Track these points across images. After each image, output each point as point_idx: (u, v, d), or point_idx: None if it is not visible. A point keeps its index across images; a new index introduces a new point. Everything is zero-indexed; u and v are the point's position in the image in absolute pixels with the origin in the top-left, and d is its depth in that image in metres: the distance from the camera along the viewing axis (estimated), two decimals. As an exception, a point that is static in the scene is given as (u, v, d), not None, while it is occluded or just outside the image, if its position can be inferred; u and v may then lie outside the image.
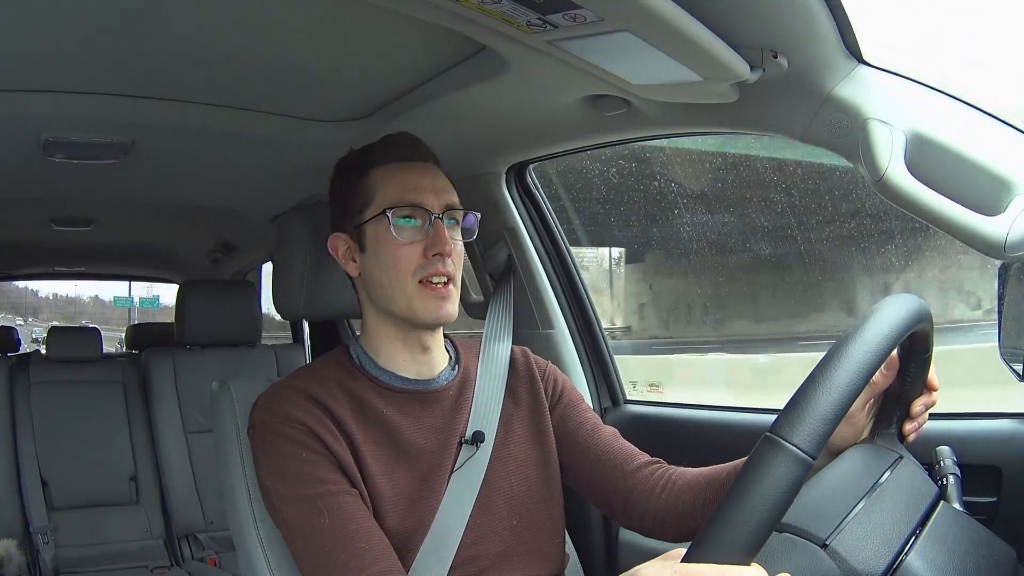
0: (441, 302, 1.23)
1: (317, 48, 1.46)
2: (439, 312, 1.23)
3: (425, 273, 1.22)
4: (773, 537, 0.71)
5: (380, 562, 1.09)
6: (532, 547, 1.28)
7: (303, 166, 2.08)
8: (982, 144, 1.16)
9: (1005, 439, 1.34)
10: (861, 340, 0.78)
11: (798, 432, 0.71)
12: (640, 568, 0.66)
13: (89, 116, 1.76)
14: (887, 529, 0.83)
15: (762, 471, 0.69)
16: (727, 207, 4.67)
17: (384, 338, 1.29)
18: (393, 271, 1.23)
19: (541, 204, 2.11)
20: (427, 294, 1.22)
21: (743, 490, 0.68)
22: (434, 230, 1.23)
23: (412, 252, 1.23)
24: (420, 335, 1.28)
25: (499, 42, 1.24)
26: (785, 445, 0.70)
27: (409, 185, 1.25)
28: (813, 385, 0.74)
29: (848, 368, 0.75)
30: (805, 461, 0.70)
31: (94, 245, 3.90)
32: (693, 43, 1.09)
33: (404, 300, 1.23)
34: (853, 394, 0.75)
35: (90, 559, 3.07)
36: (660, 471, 1.33)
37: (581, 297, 2.14)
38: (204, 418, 3.26)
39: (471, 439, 1.28)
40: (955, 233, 1.14)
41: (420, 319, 1.24)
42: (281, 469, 1.16)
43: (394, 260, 1.23)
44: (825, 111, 1.27)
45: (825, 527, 0.81)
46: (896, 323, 0.83)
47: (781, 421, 0.72)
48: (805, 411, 0.72)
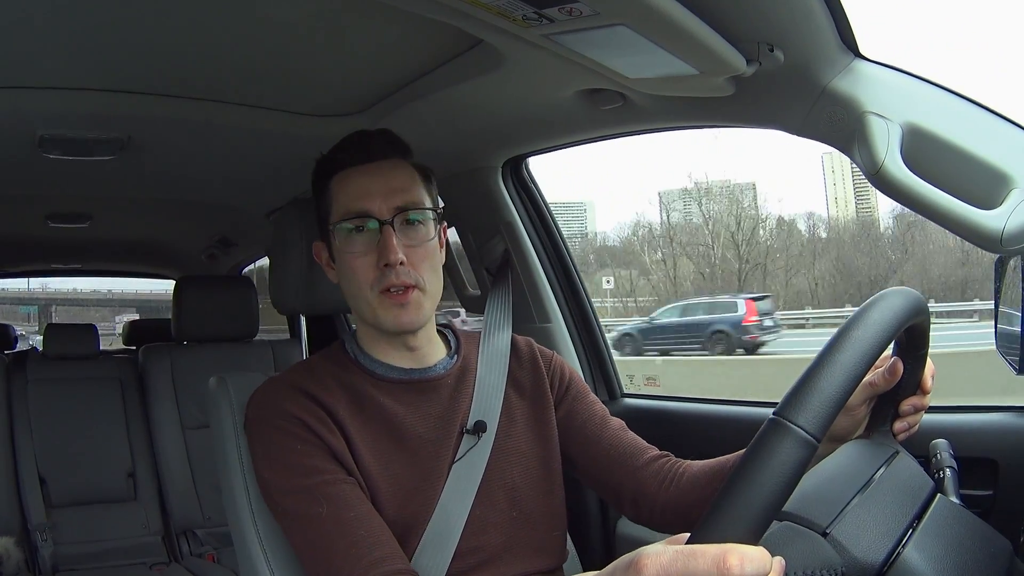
0: (401, 310, 1.21)
1: (313, 43, 1.46)
2: (400, 320, 1.21)
3: (381, 285, 1.20)
4: (773, 525, 0.71)
5: (381, 548, 1.09)
6: (532, 540, 1.28)
7: (299, 161, 2.06)
8: (979, 138, 1.16)
9: (1002, 432, 1.35)
10: (864, 326, 0.79)
11: (803, 414, 0.71)
12: (643, 549, 0.66)
13: (84, 112, 1.75)
14: (885, 521, 0.83)
15: (768, 453, 0.69)
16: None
17: (371, 338, 1.29)
18: (353, 283, 1.22)
19: (537, 198, 2.11)
20: (387, 303, 1.20)
21: (748, 472, 0.68)
22: (383, 239, 1.20)
23: (366, 264, 1.21)
24: (401, 337, 1.27)
25: (495, 36, 1.24)
26: (791, 427, 0.70)
27: (357, 192, 1.22)
28: (818, 369, 0.75)
29: (852, 352, 0.76)
30: (810, 443, 0.70)
31: (90, 241, 3.89)
32: (689, 37, 1.09)
33: (368, 310, 1.22)
34: (857, 378, 0.75)
35: (89, 556, 3.06)
36: (668, 464, 1.32)
37: (578, 291, 2.14)
38: (202, 414, 3.25)
39: (472, 429, 1.27)
40: (951, 226, 1.14)
41: (383, 327, 1.23)
42: (277, 462, 1.16)
43: (351, 272, 1.22)
44: (821, 105, 1.27)
45: (825, 516, 0.81)
46: (897, 311, 0.83)
47: (786, 404, 0.72)
48: (810, 394, 0.72)
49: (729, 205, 22.57)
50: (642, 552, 0.65)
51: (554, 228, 2.12)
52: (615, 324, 17.40)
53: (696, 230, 22.90)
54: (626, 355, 14.76)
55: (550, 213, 2.13)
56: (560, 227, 2.15)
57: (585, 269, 22.43)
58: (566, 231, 2.97)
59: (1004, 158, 1.14)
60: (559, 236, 2.13)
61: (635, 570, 0.64)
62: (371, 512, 1.14)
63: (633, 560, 0.65)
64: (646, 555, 0.65)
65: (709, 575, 0.62)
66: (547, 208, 2.12)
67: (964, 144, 1.16)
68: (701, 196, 22.77)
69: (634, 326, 16.91)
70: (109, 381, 3.40)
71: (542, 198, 2.12)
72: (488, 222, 2.05)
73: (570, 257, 2.14)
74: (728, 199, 22.82)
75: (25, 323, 22.31)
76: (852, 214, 22.53)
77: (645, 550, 0.65)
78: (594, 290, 20.33)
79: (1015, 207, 1.09)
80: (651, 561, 0.64)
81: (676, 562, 0.63)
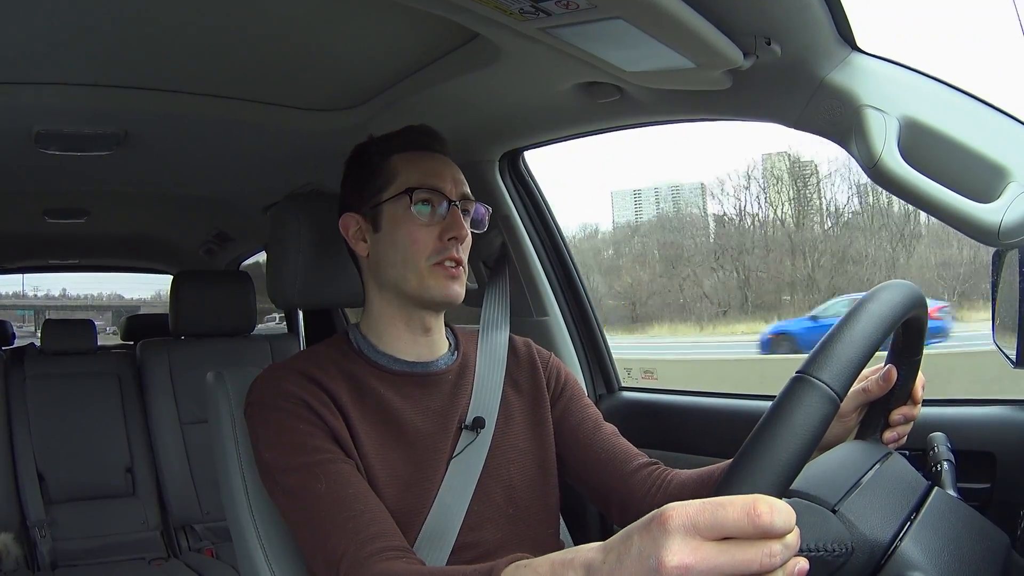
0: (451, 281, 1.26)
1: (309, 36, 1.46)
2: (449, 291, 1.26)
3: (439, 257, 1.25)
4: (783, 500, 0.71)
5: (377, 524, 1.09)
6: (527, 536, 1.29)
7: (296, 155, 2.08)
8: (976, 131, 1.16)
9: (999, 425, 1.35)
10: (879, 302, 0.84)
11: (827, 371, 0.74)
12: (666, 505, 0.64)
13: (81, 108, 1.75)
14: (885, 509, 0.83)
15: (793, 407, 0.71)
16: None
17: (387, 319, 1.30)
18: (408, 252, 1.25)
19: (535, 191, 2.11)
20: (439, 272, 1.25)
21: (774, 425, 0.70)
22: (451, 215, 1.27)
23: (428, 235, 1.25)
24: (424, 316, 1.30)
25: (492, 30, 1.24)
26: (815, 382, 0.73)
27: (430, 171, 1.28)
28: (840, 331, 0.79)
29: (869, 322, 0.81)
30: (834, 399, 0.72)
31: (88, 237, 3.88)
32: (686, 30, 1.09)
33: (416, 279, 1.25)
34: (874, 344, 0.80)
35: (87, 552, 3.06)
36: (657, 472, 1.33)
37: (575, 284, 2.14)
38: (200, 409, 3.24)
39: (471, 425, 1.28)
40: (949, 220, 1.14)
41: (430, 296, 1.26)
42: (278, 441, 1.16)
43: (411, 241, 1.25)
44: (819, 98, 1.27)
45: (833, 495, 0.82)
46: (905, 296, 0.87)
47: (811, 362, 0.76)
48: (833, 353, 0.76)
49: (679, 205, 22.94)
50: (665, 507, 0.64)
51: (551, 222, 2.12)
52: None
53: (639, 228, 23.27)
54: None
55: (547, 206, 2.12)
56: (558, 221, 2.14)
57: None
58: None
59: (1001, 152, 1.14)
60: (556, 230, 2.13)
61: (659, 523, 0.63)
62: (369, 491, 1.14)
63: (655, 515, 0.64)
64: (670, 508, 0.63)
65: (738, 524, 0.61)
66: (544, 202, 2.12)
67: (962, 137, 1.16)
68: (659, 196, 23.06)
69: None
70: (107, 376, 3.40)
71: (539, 191, 2.11)
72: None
73: (567, 251, 2.14)
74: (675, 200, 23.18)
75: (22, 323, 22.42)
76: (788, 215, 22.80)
77: (667, 505, 0.64)
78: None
79: (1012, 200, 1.09)
80: (677, 513, 0.62)
81: (703, 512, 0.62)
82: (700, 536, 0.62)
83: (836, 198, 15.92)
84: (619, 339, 14.74)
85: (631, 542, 0.65)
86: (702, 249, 17.20)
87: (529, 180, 2.10)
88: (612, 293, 16.78)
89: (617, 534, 0.69)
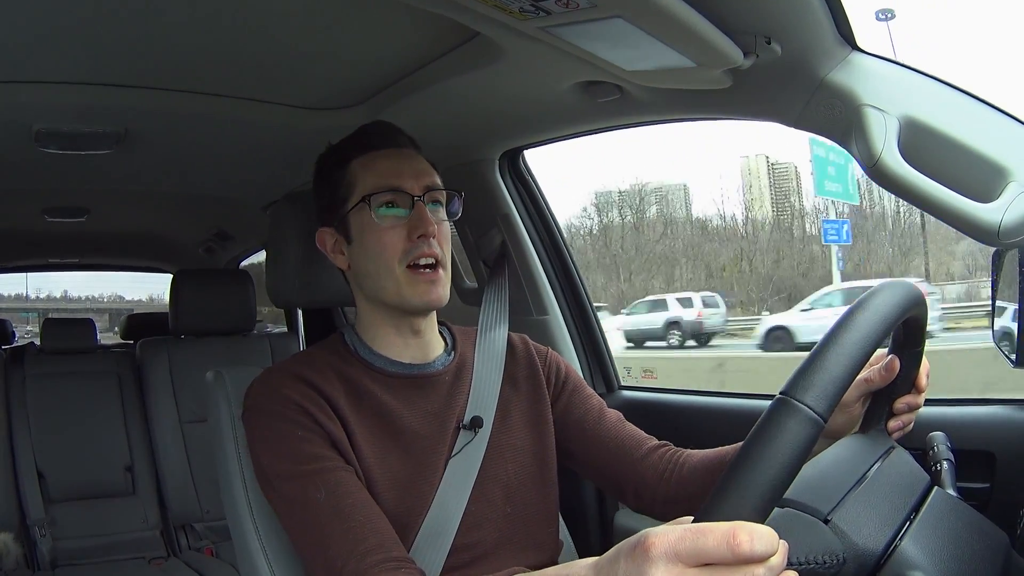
0: (430, 286, 1.23)
1: (309, 35, 1.46)
2: (429, 296, 1.23)
3: (412, 257, 1.22)
4: (774, 511, 0.71)
5: (377, 535, 1.09)
6: (525, 535, 1.29)
7: (296, 154, 2.07)
8: (976, 130, 1.16)
9: (999, 425, 1.35)
10: (868, 310, 0.80)
11: (810, 393, 0.71)
12: (649, 529, 0.65)
13: (81, 106, 1.75)
14: (883, 512, 0.83)
15: (775, 431, 0.69)
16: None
17: (377, 325, 1.29)
18: (380, 258, 1.23)
19: (534, 190, 2.11)
20: (416, 279, 1.22)
21: (756, 450, 0.68)
22: (416, 211, 1.23)
23: (396, 236, 1.22)
24: (411, 320, 1.28)
25: (492, 29, 1.24)
26: (798, 405, 0.70)
27: (387, 171, 1.25)
28: (824, 349, 0.75)
29: (856, 335, 0.77)
30: (817, 422, 0.70)
31: (88, 236, 3.88)
32: (686, 29, 1.09)
33: (393, 287, 1.23)
34: (861, 359, 0.76)
35: (87, 551, 3.06)
36: (669, 453, 1.33)
37: (575, 283, 2.14)
38: (199, 408, 3.23)
39: (469, 424, 1.28)
40: (948, 219, 1.14)
41: (410, 305, 1.24)
42: (276, 448, 1.16)
43: (380, 247, 1.23)
44: (819, 97, 1.27)
45: (826, 503, 0.81)
46: (899, 299, 0.84)
47: (793, 383, 0.73)
48: (817, 373, 0.73)
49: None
50: (648, 532, 0.64)
51: (551, 220, 2.12)
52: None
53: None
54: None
55: (547, 205, 2.12)
56: (557, 219, 2.15)
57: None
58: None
59: (1001, 151, 1.14)
60: (556, 229, 2.13)
61: (642, 550, 0.64)
62: (369, 500, 1.14)
63: (639, 540, 0.64)
64: (653, 534, 0.64)
65: (719, 552, 0.61)
66: (544, 200, 2.12)
67: (961, 137, 1.16)
68: (641, 197, 23.25)
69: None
70: (107, 375, 3.39)
71: (539, 190, 2.11)
72: (485, 214, 2.05)
73: (567, 250, 2.14)
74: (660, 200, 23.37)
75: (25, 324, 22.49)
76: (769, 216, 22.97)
77: (651, 530, 0.64)
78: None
79: (1012, 200, 1.09)
80: (659, 540, 0.63)
81: (684, 540, 0.62)
82: (682, 563, 0.63)
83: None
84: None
85: (618, 565, 0.67)
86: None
87: (529, 179, 2.10)
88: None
89: (608, 552, 0.70)
